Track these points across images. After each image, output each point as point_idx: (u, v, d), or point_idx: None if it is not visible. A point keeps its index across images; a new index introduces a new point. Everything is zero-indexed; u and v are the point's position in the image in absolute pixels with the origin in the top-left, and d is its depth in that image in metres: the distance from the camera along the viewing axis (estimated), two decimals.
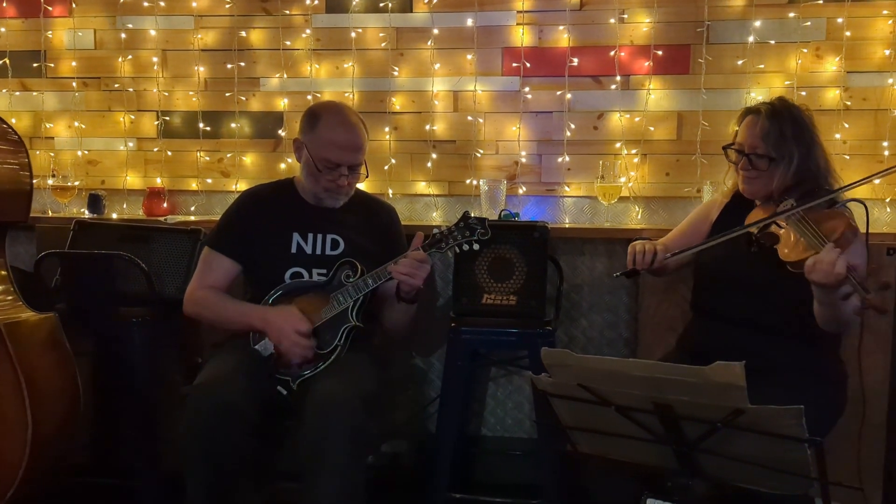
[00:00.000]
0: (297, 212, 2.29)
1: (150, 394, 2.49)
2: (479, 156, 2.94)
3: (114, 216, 3.04)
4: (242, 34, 3.04)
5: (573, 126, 2.88)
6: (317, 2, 2.99)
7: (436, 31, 2.92)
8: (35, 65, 3.17)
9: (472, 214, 2.17)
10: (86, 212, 3.03)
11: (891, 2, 2.69)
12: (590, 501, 2.34)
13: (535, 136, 2.92)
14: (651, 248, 2.06)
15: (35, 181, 3.09)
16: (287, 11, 3.01)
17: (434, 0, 2.91)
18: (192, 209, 3.13)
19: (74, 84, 3.16)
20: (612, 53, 2.83)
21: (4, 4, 3.18)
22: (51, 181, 3.07)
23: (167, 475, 2.42)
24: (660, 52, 2.81)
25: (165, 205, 3.04)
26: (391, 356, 2.53)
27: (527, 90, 2.90)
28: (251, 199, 2.35)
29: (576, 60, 2.85)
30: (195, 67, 3.08)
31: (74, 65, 3.15)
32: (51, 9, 3.15)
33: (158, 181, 3.12)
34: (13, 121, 3.18)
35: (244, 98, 3.07)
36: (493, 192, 2.77)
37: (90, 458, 2.73)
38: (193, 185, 3.12)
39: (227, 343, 2.25)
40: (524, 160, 2.92)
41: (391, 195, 2.97)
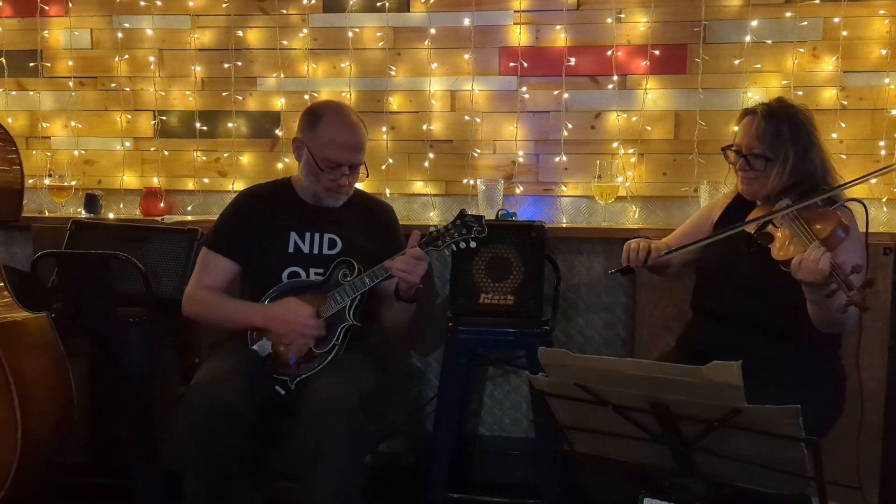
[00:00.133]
0: (295, 211, 2.29)
1: (148, 394, 2.49)
2: (477, 155, 2.94)
3: (110, 216, 3.03)
4: (239, 34, 3.04)
5: (570, 126, 2.88)
6: (314, 1, 2.98)
7: (433, 31, 2.92)
8: (31, 64, 3.16)
9: (469, 213, 2.18)
10: (82, 211, 3.03)
11: (887, 1, 2.69)
12: (587, 501, 2.34)
13: (533, 136, 2.92)
14: (645, 246, 2.08)
15: (31, 181, 3.14)
16: (284, 11, 3.00)
17: (431, 0, 2.91)
18: (189, 209, 3.12)
19: (71, 83, 3.16)
20: (609, 53, 2.83)
21: (1, 4, 3.17)
22: (47, 181, 3.07)
23: (165, 475, 2.42)
24: (657, 52, 2.81)
25: (162, 204, 3.03)
26: (389, 356, 2.53)
27: (524, 90, 2.90)
28: (248, 199, 2.35)
29: (573, 60, 2.85)
30: (192, 67, 3.08)
31: (71, 64, 3.14)
32: (47, 8, 3.14)
33: (155, 181, 3.12)
34: (9, 120, 3.19)
35: (241, 98, 3.06)
36: (491, 192, 2.77)
37: (88, 458, 2.74)
38: (190, 185, 3.12)
39: (225, 343, 2.26)
40: (521, 160, 2.92)
41: (389, 195, 2.97)
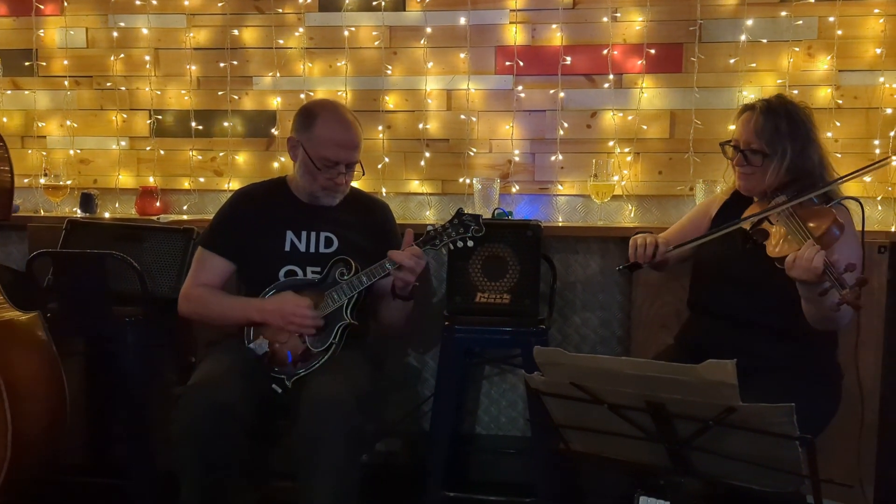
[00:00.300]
0: (291, 210, 2.29)
1: (144, 393, 2.48)
2: (473, 154, 2.94)
3: (106, 215, 3.03)
4: (235, 33, 3.04)
5: (566, 125, 2.88)
6: (309, 0, 2.98)
7: (429, 30, 2.92)
8: (27, 63, 3.15)
9: (466, 212, 2.18)
10: (78, 211, 3.02)
11: (882, 0, 2.69)
12: (583, 499, 2.35)
13: (529, 135, 2.92)
14: (652, 241, 2.04)
15: (27, 180, 3.14)
16: (280, 10, 3.00)
17: None
18: (185, 208, 3.12)
19: (66, 83, 3.15)
20: (605, 52, 2.83)
21: None
22: (43, 180, 3.06)
23: (161, 474, 2.41)
24: (652, 51, 2.81)
25: (158, 204, 3.03)
26: (386, 355, 2.53)
27: (520, 89, 2.90)
28: (244, 198, 2.35)
29: (569, 59, 2.85)
30: (187, 66, 3.07)
31: (66, 63, 3.14)
32: (42, 7, 3.13)
33: (151, 180, 3.12)
34: (4, 120, 3.18)
35: (237, 97, 3.06)
36: (487, 191, 2.78)
37: (84, 458, 2.74)
38: (186, 184, 3.11)
39: (222, 342, 2.25)
40: (517, 159, 2.93)
41: (385, 194, 2.97)
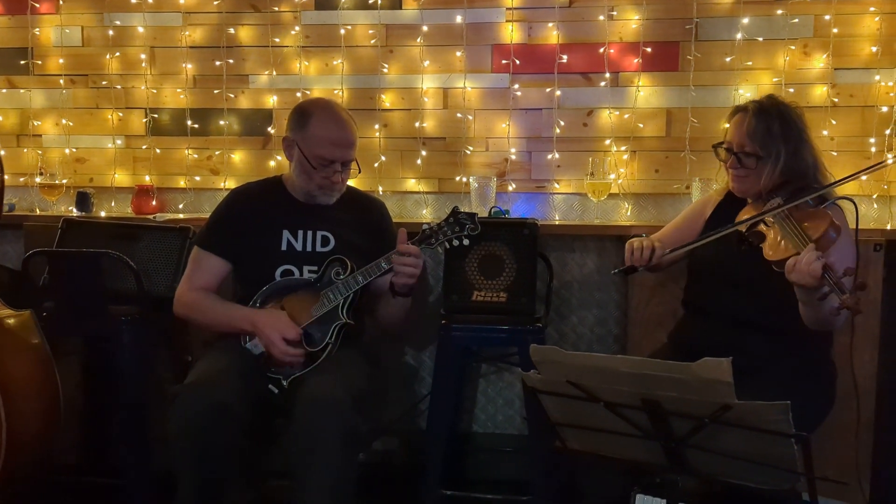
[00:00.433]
0: (287, 209, 2.28)
1: (140, 393, 2.47)
2: (469, 153, 2.94)
3: (102, 214, 3.02)
4: (231, 31, 3.03)
5: (563, 123, 2.88)
6: None
7: (425, 29, 2.92)
8: (22, 62, 3.14)
9: (462, 210, 2.18)
10: (74, 210, 3.01)
11: None
12: (580, 497, 2.36)
13: (525, 133, 2.92)
14: (649, 245, 2.05)
15: (23, 179, 3.14)
16: (276, 8, 2.99)
17: None
18: (181, 207, 3.11)
19: (62, 81, 3.14)
20: (602, 50, 2.83)
21: None
22: (38, 179, 3.06)
23: (158, 474, 2.41)
24: (649, 49, 2.81)
25: (154, 202, 3.02)
26: (382, 353, 2.53)
27: (516, 87, 2.90)
28: (240, 198, 2.34)
29: (565, 57, 2.85)
30: (183, 64, 3.06)
31: (62, 62, 3.13)
32: (38, 5, 3.12)
33: (147, 179, 3.11)
34: (0, 118, 3.18)
35: (233, 95, 3.06)
36: (483, 189, 2.78)
37: (80, 458, 2.73)
38: (182, 183, 3.10)
39: (218, 341, 2.25)
40: (514, 157, 2.93)
41: (381, 192, 2.97)
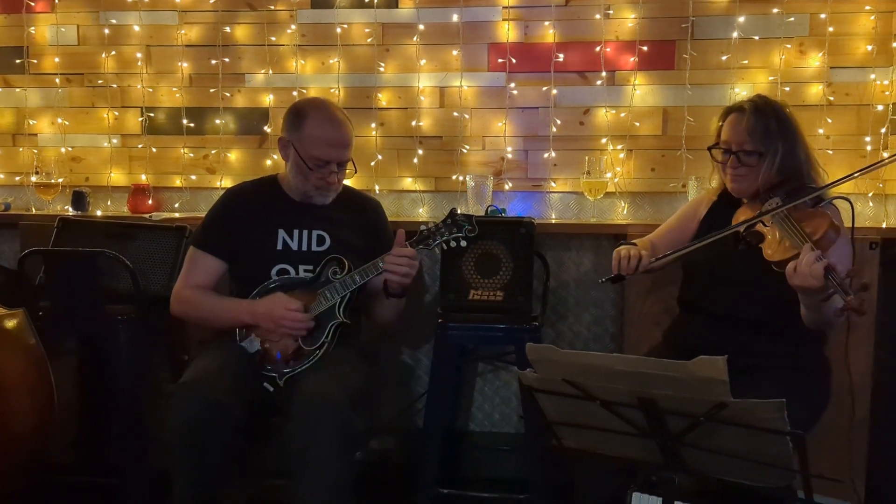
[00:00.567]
0: (283, 208, 2.28)
1: (136, 392, 2.48)
2: (466, 152, 2.94)
3: (98, 213, 3.02)
4: (227, 30, 3.03)
5: (559, 122, 2.88)
6: None
7: (421, 27, 2.92)
8: (18, 61, 3.13)
9: (459, 211, 2.18)
10: (70, 209, 3.01)
11: None
12: (577, 496, 2.35)
13: (521, 132, 2.92)
14: (636, 254, 2.04)
15: (18, 178, 3.13)
16: (272, 7, 2.99)
17: None
18: (177, 206, 3.11)
19: (58, 80, 3.13)
20: (598, 49, 2.83)
21: None
22: (34, 178, 3.05)
23: (154, 473, 2.41)
24: (645, 48, 2.81)
25: (150, 202, 3.02)
26: (379, 352, 2.53)
27: (512, 86, 2.90)
28: (236, 197, 2.34)
29: (561, 56, 2.86)
30: (179, 63, 3.06)
31: (57, 61, 3.12)
32: (33, 4, 3.12)
33: (143, 178, 3.11)
34: None
35: (229, 94, 3.05)
36: (480, 188, 2.78)
37: (76, 457, 2.73)
38: (178, 182, 3.10)
39: (214, 340, 2.25)
40: (510, 156, 2.93)
41: (378, 191, 2.97)
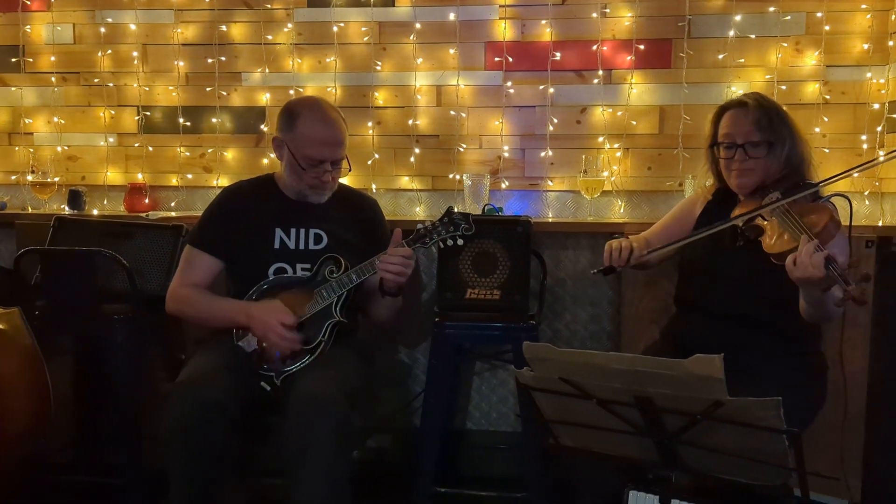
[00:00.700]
0: (280, 207, 2.28)
1: (133, 391, 2.47)
2: (463, 150, 2.94)
3: (94, 212, 3.02)
4: (223, 28, 3.02)
5: (556, 120, 2.88)
6: None
7: (418, 26, 2.92)
8: (13, 60, 3.13)
9: (456, 210, 2.18)
10: (66, 208, 3.00)
11: None
12: (574, 494, 2.35)
13: (518, 131, 2.92)
14: (627, 246, 2.05)
15: (14, 177, 3.13)
16: (268, 6, 2.99)
17: None
18: (174, 205, 3.10)
19: (53, 79, 3.13)
20: (595, 48, 2.84)
21: None
22: (30, 177, 3.05)
23: (151, 473, 2.41)
24: (642, 47, 2.81)
25: (147, 201, 3.02)
26: (376, 351, 2.53)
27: (509, 85, 2.90)
28: (232, 196, 2.34)
29: (558, 55, 2.86)
30: (175, 62, 3.05)
31: (53, 59, 3.12)
32: (29, 3, 3.11)
33: (139, 177, 3.10)
34: None
35: (225, 93, 3.05)
36: (477, 187, 2.78)
37: (73, 457, 2.73)
38: (174, 181, 3.10)
39: (211, 340, 2.25)
40: (507, 154, 2.93)
41: (375, 190, 2.97)
